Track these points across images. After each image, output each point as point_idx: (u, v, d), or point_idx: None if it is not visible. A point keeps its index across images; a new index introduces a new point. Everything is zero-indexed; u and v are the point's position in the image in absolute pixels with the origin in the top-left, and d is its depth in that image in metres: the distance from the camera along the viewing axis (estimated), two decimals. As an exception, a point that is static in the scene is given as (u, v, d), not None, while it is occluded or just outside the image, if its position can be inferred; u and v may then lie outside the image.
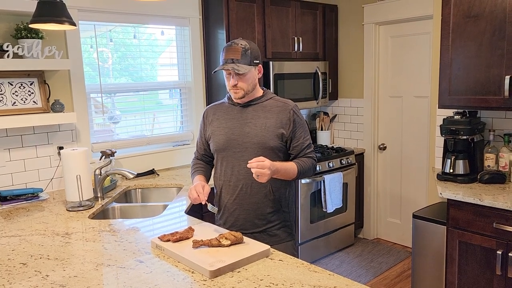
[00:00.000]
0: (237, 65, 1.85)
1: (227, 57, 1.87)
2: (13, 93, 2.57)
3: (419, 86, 3.83)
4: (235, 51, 1.86)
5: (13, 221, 2.16)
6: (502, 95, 2.52)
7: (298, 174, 1.92)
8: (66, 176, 2.32)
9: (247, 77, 1.90)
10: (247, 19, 3.44)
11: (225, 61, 1.87)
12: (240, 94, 1.91)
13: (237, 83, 1.89)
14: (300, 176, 1.95)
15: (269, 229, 1.98)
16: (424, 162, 3.87)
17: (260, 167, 1.72)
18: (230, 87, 1.92)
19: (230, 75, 1.90)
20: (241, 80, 1.89)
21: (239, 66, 1.85)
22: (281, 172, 1.85)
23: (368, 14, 4.01)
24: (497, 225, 2.33)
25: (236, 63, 1.85)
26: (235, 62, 1.85)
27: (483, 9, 2.55)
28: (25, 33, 2.49)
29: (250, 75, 1.90)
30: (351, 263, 3.78)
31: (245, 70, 1.86)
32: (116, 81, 3.21)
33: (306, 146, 1.98)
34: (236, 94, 1.92)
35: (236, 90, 1.91)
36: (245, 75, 1.89)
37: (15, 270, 1.57)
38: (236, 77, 1.88)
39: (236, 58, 1.85)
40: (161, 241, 1.69)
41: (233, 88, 1.91)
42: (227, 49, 1.88)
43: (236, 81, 1.88)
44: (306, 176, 2.01)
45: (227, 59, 1.86)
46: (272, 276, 1.43)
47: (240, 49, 1.86)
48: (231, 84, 1.90)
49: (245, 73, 1.88)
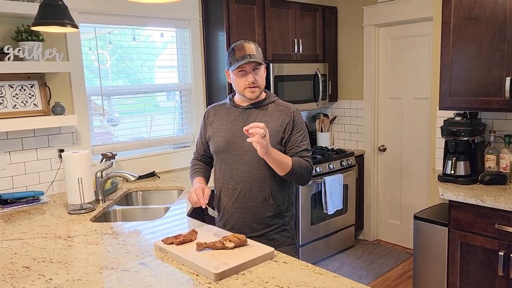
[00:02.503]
0: (257, 59, 1.83)
1: (243, 53, 1.82)
2: (13, 95, 2.56)
3: (419, 88, 3.84)
4: (250, 48, 1.84)
5: (14, 224, 2.15)
6: (503, 97, 2.53)
7: (292, 169, 1.80)
8: (68, 179, 2.31)
9: (261, 74, 1.89)
10: (247, 21, 3.45)
11: (242, 57, 1.82)
12: (257, 92, 1.88)
13: (256, 79, 1.85)
14: (293, 174, 1.82)
15: (268, 233, 1.95)
16: (424, 164, 3.87)
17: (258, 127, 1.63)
18: (247, 85, 1.86)
19: (245, 74, 1.85)
20: (258, 76, 1.87)
21: (259, 60, 1.84)
22: (276, 154, 1.75)
23: (367, 16, 4.02)
24: (499, 226, 2.34)
25: (254, 58, 1.83)
26: (253, 58, 1.82)
27: (483, 11, 2.56)
28: (25, 35, 2.49)
29: (262, 73, 1.90)
30: (352, 265, 3.77)
31: (264, 64, 1.87)
32: (114, 83, 3.21)
33: (303, 150, 1.90)
34: (254, 93, 1.87)
35: (254, 89, 1.86)
36: (260, 71, 1.88)
37: (18, 273, 1.56)
38: (253, 73, 1.85)
39: (253, 54, 1.83)
40: (165, 244, 1.68)
41: (250, 86, 1.86)
42: (240, 47, 1.84)
43: (254, 78, 1.85)
44: (300, 179, 1.88)
45: (245, 55, 1.82)
46: (277, 279, 1.42)
47: (253, 46, 1.86)
48: (251, 81, 1.85)
49: (260, 69, 1.87)
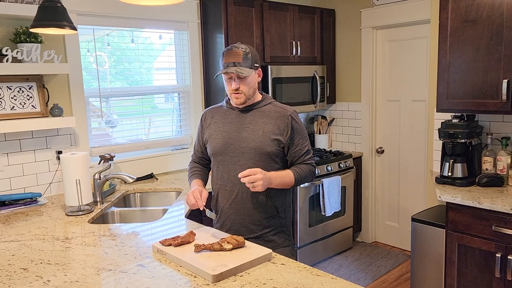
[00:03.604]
0: (240, 68, 1.83)
1: (229, 60, 1.84)
2: (11, 97, 2.56)
3: (417, 90, 3.85)
4: (237, 54, 1.84)
5: (12, 226, 2.15)
6: (500, 99, 2.54)
7: (296, 182, 1.91)
8: (66, 180, 2.31)
9: (248, 81, 1.88)
10: (245, 24, 3.46)
11: (226, 64, 1.84)
12: (242, 99, 1.89)
13: (239, 87, 1.86)
14: (298, 184, 1.93)
15: (264, 235, 1.96)
16: (422, 166, 3.88)
17: (252, 180, 1.72)
18: (232, 91, 1.89)
19: (231, 79, 1.87)
20: (243, 83, 1.86)
21: (242, 69, 1.83)
22: (276, 180, 1.84)
23: (365, 19, 4.03)
24: (496, 228, 2.34)
25: (238, 67, 1.83)
26: (237, 66, 1.83)
27: (480, 14, 2.57)
28: (24, 37, 2.49)
29: (251, 79, 1.89)
30: (350, 267, 3.78)
31: (247, 73, 1.84)
32: (112, 85, 3.21)
33: (304, 152, 1.95)
34: (238, 99, 1.89)
35: (237, 95, 1.88)
36: (247, 78, 1.87)
37: (15, 275, 1.56)
38: (237, 81, 1.85)
39: (238, 62, 1.83)
40: (163, 246, 1.68)
41: (234, 93, 1.88)
42: (227, 53, 1.86)
43: (238, 85, 1.86)
44: (305, 182, 1.99)
45: (229, 63, 1.84)
46: (275, 280, 1.43)
47: (241, 52, 1.84)
48: (233, 88, 1.87)
49: (246, 77, 1.86)
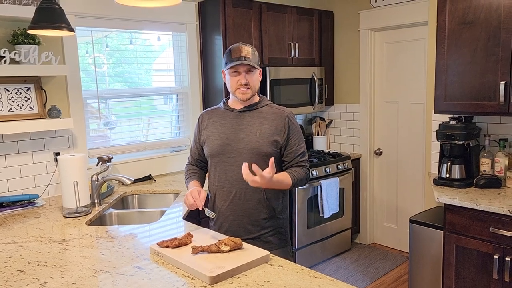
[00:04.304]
0: (252, 62, 1.87)
1: (238, 55, 1.86)
2: (9, 99, 2.56)
3: (415, 92, 3.86)
4: (246, 50, 1.88)
5: (9, 228, 2.14)
6: (497, 101, 2.55)
7: (292, 185, 1.92)
8: (63, 182, 2.31)
9: (255, 77, 1.92)
10: (243, 25, 3.46)
11: (237, 58, 1.86)
12: (249, 94, 1.91)
13: (248, 82, 1.89)
14: (293, 187, 1.96)
15: (262, 236, 1.97)
16: (420, 167, 3.89)
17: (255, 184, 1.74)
18: (239, 86, 1.90)
19: (238, 75, 1.90)
20: (251, 79, 1.90)
21: (253, 63, 1.88)
22: (275, 184, 1.84)
23: (363, 20, 4.04)
24: (494, 230, 2.35)
25: (248, 61, 1.86)
26: (247, 60, 1.86)
27: (477, 16, 2.58)
28: (22, 38, 2.49)
29: (257, 76, 1.94)
30: (348, 268, 3.77)
31: (258, 68, 1.91)
32: (110, 87, 3.21)
33: (300, 154, 1.96)
34: (245, 94, 1.91)
35: (245, 90, 1.90)
36: (255, 74, 1.92)
37: (12, 277, 1.55)
38: (247, 76, 1.89)
39: (248, 57, 1.87)
40: (160, 247, 1.68)
41: (242, 87, 1.90)
42: (236, 49, 1.88)
43: (247, 80, 1.88)
44: (299, 186, 2.02)
45: (239, 57, 1.86)
46: (272, 282, 1.42)
47: (250, 49, 1.89)
48: (243, 83, 1.89)
49: (255, 72, 1.91)
